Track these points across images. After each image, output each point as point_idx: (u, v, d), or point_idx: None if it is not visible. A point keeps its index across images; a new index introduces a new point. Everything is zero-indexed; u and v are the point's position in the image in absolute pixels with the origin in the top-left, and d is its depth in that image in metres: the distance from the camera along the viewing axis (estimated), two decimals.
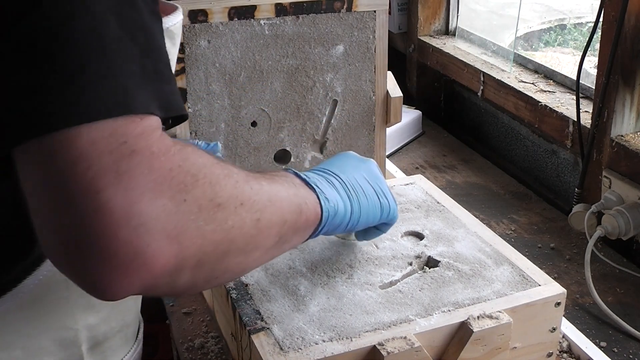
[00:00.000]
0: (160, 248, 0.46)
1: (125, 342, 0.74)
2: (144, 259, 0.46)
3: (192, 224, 0.49)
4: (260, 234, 0.57)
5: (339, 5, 1.07)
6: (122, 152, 0.45)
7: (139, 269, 0.46)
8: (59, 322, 0.65)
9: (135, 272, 0.46)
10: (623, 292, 1.07)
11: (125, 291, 0.47)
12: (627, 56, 1.10)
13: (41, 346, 0.64)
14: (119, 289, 0.47)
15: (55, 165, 0.44)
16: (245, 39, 1.03)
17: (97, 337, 0.69)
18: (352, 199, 0.74)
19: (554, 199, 1.39)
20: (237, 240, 0.54)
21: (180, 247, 0.48)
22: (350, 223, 0.74)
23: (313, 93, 1.10)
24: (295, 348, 0.71)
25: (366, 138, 1.16)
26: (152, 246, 0.46)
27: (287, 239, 0.63)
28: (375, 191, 0.77)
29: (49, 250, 0.47)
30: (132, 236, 0.45)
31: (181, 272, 0.49)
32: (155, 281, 0.48)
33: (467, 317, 0.75)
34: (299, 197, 0.65)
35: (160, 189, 0.46)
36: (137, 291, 0.48)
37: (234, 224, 0.53)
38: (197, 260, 0.50)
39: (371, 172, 0.79)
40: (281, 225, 0.60)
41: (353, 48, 1.10)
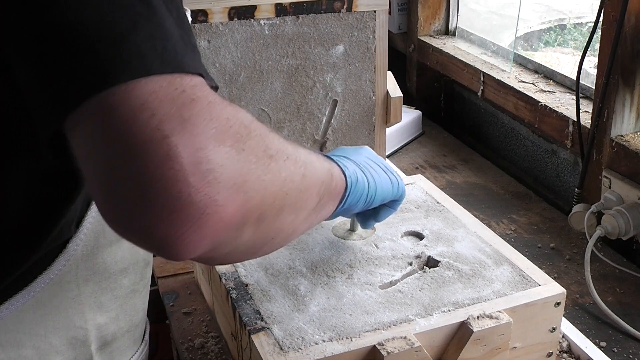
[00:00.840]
0: (230, 196, 0.46)
1: (133, 342, 0.75)
2: (216, 206, 0.45)
3: (253, 173, 0.48)
4: (306, 190, 0.57)
5: (339, 5, 1.07)
6: (183, 100, 0.45)
7: (210, 217, 0.45)
8: (69, 321, 0.66)
9: (206, 222, 0.45)
10: (623, 292, 1.07)
11: (195, 245, 0.46)
12: (627, 56, 1.10)
13: (51, 345, 0.65)
14: (190, 243, 0.45)
15: (118, 117, 0.44)
16: (245, 39, 1.04)
17: (106, 337, 0.70)
18: (366, 173, 0.74)
19: (554, 199, 1.39)
20: (290, 195, 0.54)
21: (245, 196, 0.47)
22: (369, 196, 0.74)
23: (313, 93, 1.10)
24: (295, 348, 0.71)
25: (366, 138, 1.16)
26: (221, 193, 0.45)
27: (324, 203, 0.63)
28: (382, 169, 0.79)
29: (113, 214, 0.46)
30: (202, 182, 0.44)
31: (245, 225, 0.49)
32: (223, 234, 0.47)
33: (467, 317, 0.75)
34: (327, 162, 0.66)
35: (222, 137, 0.46)
36: (206, 247, 0.47)
37: (286, 177, 0.53)
38: (260, 213, 0.50)
39: (372, 154, 0.80)
40: (319, 186, 0.61)
41: (353, 48, 1.10)
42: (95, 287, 0.67)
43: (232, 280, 0.82)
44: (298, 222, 0.58)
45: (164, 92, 0.45)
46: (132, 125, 0.44)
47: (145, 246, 0.47)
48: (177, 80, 0.46)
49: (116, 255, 0.68)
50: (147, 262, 0.74)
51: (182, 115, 0.44)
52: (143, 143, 0.43)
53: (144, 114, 0.44)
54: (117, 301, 0.70)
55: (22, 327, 0.62)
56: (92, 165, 0.45)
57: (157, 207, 0.44)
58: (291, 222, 0.56)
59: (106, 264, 0.67)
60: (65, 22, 0.45)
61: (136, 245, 0.48)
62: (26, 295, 0.61)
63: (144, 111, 0.44)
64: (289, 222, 0.56)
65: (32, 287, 0.61)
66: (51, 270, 0.62)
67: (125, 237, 0.47)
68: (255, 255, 0.58)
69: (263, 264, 0.85)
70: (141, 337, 0.77)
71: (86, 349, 0.68)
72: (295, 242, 0.89)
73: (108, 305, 0.69)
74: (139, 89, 0.44)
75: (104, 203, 0.46)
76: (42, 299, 0.62)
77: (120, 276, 0.70)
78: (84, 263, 0.65)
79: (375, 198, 0.76)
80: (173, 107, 0.44)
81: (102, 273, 0.67)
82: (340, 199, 0.69)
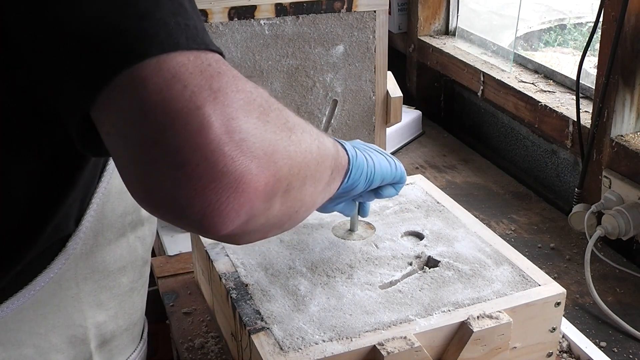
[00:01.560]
0: (262, 164, 0.47)
1: (132, 340, 0.75)
2: (251, 175, 0.46)
3: (280, 144, 0.49)
4: (322, 162, 0.58)
5: (339, 5, 1.07)
6: (210, 72, 0.46)
7: (247, 186, 0.46)
8: (69, 320, 0.66)
9: (244, 190, 0.46)
10: (623, 292, 1.07)
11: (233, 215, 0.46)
12: (627, 56, 1.10)
13: (52, 344, 0.65)
14: (229, 213, 0.46)
15: (150, 90, 0.44)
16: (245, 39, 1.04)
17: (105, 335, 0.70)
18: (363, 153, 0.75)
19: (554, 199, 1.39)
20: (310, 166, 0.54)
21: (276, 166, 0.48)
22: (369, 172, 0.74)
23: (313, 93, 1.10)
24: (295, 348, 0.71)
25: (366, 138, 1.16)
26: (255, 162, 0.46)
27: (334, 176, 0.64)
28: (377, 151, 0.79)
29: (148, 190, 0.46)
30: (236, 151, 0.45)
31: (276, 196, 0.50)
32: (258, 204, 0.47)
33: (467, 317, 0.75)
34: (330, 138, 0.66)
35: (249, 108, 0.47)
36: (243, 217, 0.47)
37: (306, 148, 0.54)
38: (287, 183, 0.51)
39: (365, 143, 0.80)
40: (331, 159, 0.62)
41: (353, 48, 1.10)
42: (95, 285, 0.67)
43: (232, 280, 0.82)
44: (317, 194, 0.59)
45: (192, 65, 0.45)
46: (166, 96, 0.44)
47: (183, 220, 0.47)
48: (203, 55, 0.46)
49: (115, 253, 0.68)
50: (145, 260, 0.75)
51: (212, 87, 0.45)
52: (177, 113, 0.44)
53: (176, 85, 0.44)
54: (116, 299, 0.70)
55: (23, 326, 0.62)
56: (124, 141, 0.46)
57: (195, 177, 0.44)
58: (311, 193, 0.57)
59: (105, 263, 0.68)
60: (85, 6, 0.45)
61: (172, 222, 0.48)
62: (26, 294, 0.61)
63: (176, 83, 0.44)
64: (310, 193, 0.57)
65: (32, 285, 0.61)
66: (51, 269, 0.62)
67: (161, 214, 0.47)
68: (280, 230, 0.58)
69: (263, 264, 0.85)
70: (139, 336, 0.78)
71: (86, 347, 0.68)
72: (295, 242, 0.89)
73: (107, 304, 0.69)
74: (169, 61, 0.45)
75: (139, 180, 0.46)
76: (42, 297, 0.62)
77: (119, 275, 0.70)
78: (83, 261, 0.65)
79: (375, 175, 0.76)
80: (203, 79, 0.45)
81: (101, 272, 0.68)
82: (345, 173, 0.69)
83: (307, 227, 0.92)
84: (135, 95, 0.44)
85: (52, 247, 0.62)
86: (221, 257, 0.86)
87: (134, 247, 0.71)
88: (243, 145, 0.45)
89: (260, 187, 0.47)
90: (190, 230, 0.50)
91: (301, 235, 0.91)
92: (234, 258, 0.86)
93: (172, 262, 1.08)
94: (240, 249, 0.88)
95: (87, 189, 0.62)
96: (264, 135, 0.47)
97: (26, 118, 0.54)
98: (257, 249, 0.88)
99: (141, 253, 0.73)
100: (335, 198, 0.71)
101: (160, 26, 0.45)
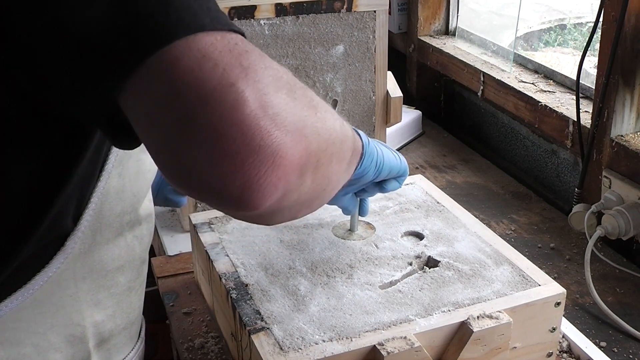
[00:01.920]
0: (295, 138, 0.48)
1: (130, 339, 0.76)
2: (286, 148, 0.47)
3: (308, 120, 0.50)
4: (344, 141, 0.59)
5: (339, 5, 1.07)
6: (239, 50, 0.47)
7: (283, 159, 0.46)
8: (68, 319, 0.66)
9: (280, 164, 0.46)
10: (623, 292, 1.07)
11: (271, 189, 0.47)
12: (627, 56, 1.10)
13: (50, 343, 0.65)
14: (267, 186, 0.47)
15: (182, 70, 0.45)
16: None
17: (103, 334, 0.70)
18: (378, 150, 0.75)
19: (554, 199, 1.39)
20: (335, 144, 0.55)
21: (307, 140, 0.49)
22: (379, 162, 0.75)
23: None
24: (295, 348, 0.71)
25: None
26: (289, 136, 0.47)
27: (352, 158, 0.65)
28: (389, 150, 0.79)
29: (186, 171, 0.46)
30: (271, 125, 0.46)
31: (308, 171, 0.50)
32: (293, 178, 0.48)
33: (467, 317, 0.75)
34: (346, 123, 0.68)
35: (278, 85, 0.48)
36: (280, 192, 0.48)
37: (330, 126, 0.54)
38: (317, 159, 0.51)
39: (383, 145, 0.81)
40: (351, 139, 0.62)
41: (353, 48, 1.10)
42: (92, 284, 0.67)
43: (232, 280, 0.82)
44: (341, 172, 0.60)
45: (220, 44, 0.46)
46: (198, 75, 0.45)
47: (222, 199, 0.48)
48: (228, 35, 0.47)
49: (113, 253, 0.69)
50: (143, 260, 0.75)
51: (242, 64, 0.46)
52: (212, 91, 0.45)
53: (207, 64, 0.45)
54: (114, 299, 0.71)
55: (21, 325, 0.62)
56: (158, 124, 0.46)
57: (233, 152, 0.45)
58: (337, 171, 0.58)
59: (103, 262, 0.68)
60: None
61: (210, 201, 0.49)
62: (25, 292, 0.61)
63: (207, 62, 0.45)
64: (336, 171, 0.57)
65: (31, 284, 0.61)
66: (49, 268, 0.62)
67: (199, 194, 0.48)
68: (309, 209, 0.59)
69: (263, 264, 0.85)
70: (137, 335, 0.78)
71: (84, 346, 0.68)
72: (295, 242, 0.89)
73: (105, 303, 0.69)
74: (197, 42, 0.45)
75: (175, 162, 0.47)
76: (40, 296, 0.63)
77: (116, 274, 0.70)
78: (81, 261, 0.65)
79: (384, 166, 0.76)
80: (232, 57, 0.46)
81: (99, 271, 0.68)
82: (360, 157, 0.70)
83: (307, 227, 0.92)
84: (167, 77, 0.45)
85: (50, 245, 0.62)
86: (221, 257, 0.86)
87: (132, 246, 0.71)
88: (277, 119, 0.46)
89: (295, 161, 0.48)
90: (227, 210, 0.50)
91: (301, 235, 0.91)
92: (234, 258, 0.86)
93: (172, 262, 1.08)
94: (241, 249, 0.88)
95: (84, 188, 0.62)
96: (294, 111, 0.48)
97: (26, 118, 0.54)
98: (257, 249, 0.88)
99: (139, 252, 0.73)
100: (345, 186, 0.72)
101: (183, 10, 0.46)
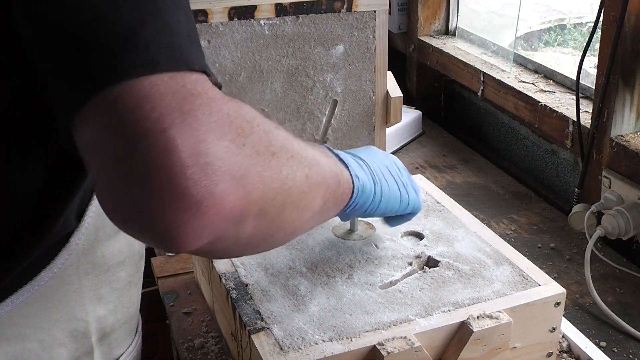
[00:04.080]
0: (228, 189, 0.47)
1: (129, 334, 0.77)
2: (214, 198, 0.46)
3: (253, 168, 0.49)
4: (310, 191, 0.58)
5: (339, 5, 1.07)
6: (183, 93, 0.46)
7: (209, 209, 0.46)
8: (72, 314, 0.67)
9: (205, 213, 0.46)
10: (623, 292, 1.07)
11: (196, 235, 0.47)
12: (627, 56, 1.10)
13: (55, 338, 0.66)
14: (191, 232, 0.46)
15: (121, 110, 0.45)
16: (245, 39, 1.04)
17: (105, 328, 0.72)
18: (376, 184, 0.75)
19: (554, 199, 1.39)
20: (292, 193, 0.54)
21: (245, 190, 0.48)
22: (371, 207, 0.75)
23: (313, 93, 1.10)
24: (295, 348, 0.71)
25: (366, 138, 1.16)
26: (220, 186, 0.46)
27: (328, 207, 0.64)
28: (396, 182, 0.79)
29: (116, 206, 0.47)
30: (200, 175, 0.45)
31: (246, 219, 0.50)
32: (223, 226, 0.47)
33: (467, 317, 0.75)
34: (337, 167, 0.66)
35: (222, 131, 0.47)
36: (207, 238, 0.47)
37: (288, 174, 0.53)
38: (260, 208, 0.50)
39: (394, 165, 0.80)
40: (325, 189, 0.61)
41: (353, 48, 1.10)
42: (95, 280, 0.69)
43: (232, 280, 0.82)
44: (301, 221, 0.59)
45: (165, 85, 0.46)
46: (135, 116, 0.45)
47: (148, 236, 0.48)
48: (179, 75, 0.47)
49: (114, 248, 0.70)
50: (141, 254, 0.76)
51: (182, 109, 0.45)
52: (144, 134, 0.44)
53: (145, 106, 0.45)
54: (115, 293, 0.72)
55: (27, 321, 0.63)
56: (97, 158, 0.47)
57: (157, 196, 0.45)
58: (293, 220, 0.57)
59: (105, 257, 0.69)
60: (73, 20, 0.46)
61: (139, 238, 0.49)
62: (30, 289, 0.62)
63: (145, 103, 0.45)
64: (291, 220, 0.56)
65: (36, 281, 0.62)
66: (54, 264, 0.63)
67: (128, 228, 0.48)
68: (256, 250, 0.59)
69: (263, 264, 0.85)
70: (135, 329, 0.79)
71: (87, 340, 0.70)
72: (295, 242, 0.89)
73: (107, 298, 0.71)
74: (142, 82, 0.45)
75: (108, 195, 0.47)
76: (45, 292, 0.64)
77: (117, 269, 0.71)
78: (84, 257, 0.66)
79: (377, 210, 0.76)
80: (173, 101, 0.45)
81: (101, 266, 0.69)
82: (346, 204, 0.70)
83: None
84: (109, 115, 0.45)
85: (55, 243, 0.63)
86: None
87: (131, 241, 0.73)
88: (208, 169, 0.46)
89: (225, 210, 0.47)
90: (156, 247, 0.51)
91: (301, 235, 0.90)
92: (234, 258, 0.86)
93: (172, 262, 1.08)
94: None
95: (86, 186, 0.63)
96: (235, 159, 0.47)
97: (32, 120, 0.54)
98: None
99: (138, 247, 0.75)
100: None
101: (140, 47, 0.46)
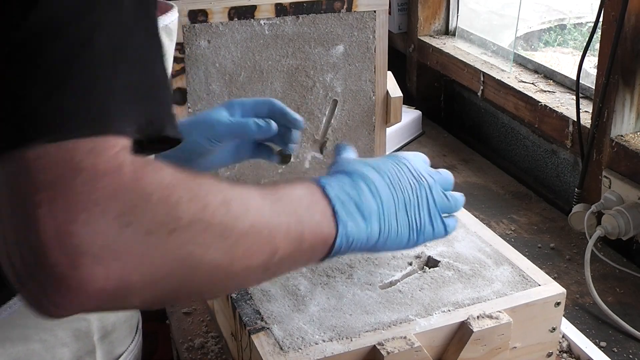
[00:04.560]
0: (91, 271, 0.45)
1: (130, 332, 0.77)
2: (71, 281, 0.44)
3: (135, 249, 0.46)
4: (234, 263, 0.52)
5: (339, 5, 1.07)
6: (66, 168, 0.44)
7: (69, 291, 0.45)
8: None
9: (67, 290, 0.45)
10: (623, 292, 1.07)
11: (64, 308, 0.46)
12: (627, 56, 1.10)
13: (57, 338, 0.67)
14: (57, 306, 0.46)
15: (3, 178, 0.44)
16: (245, 39, 1.04)
17: (106, 327, 0.72)
18: (382, 231, 0.65)
19: (554, 199, 1.39)
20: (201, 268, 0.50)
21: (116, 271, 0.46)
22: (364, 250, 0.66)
23: (313, 93, 1.10)
24: (295, 348, 0.71)
25: (366, 138, 1.16)
26: (79, 270, 0.44)
27: (278, 269, 0.59)
28: (409, 224, 0.68)
29: None
30: (60, 258, 0.44)
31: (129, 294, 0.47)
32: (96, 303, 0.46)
33: (467, 317, 0.75)
34: (303, 224, 0.58)
35: (99, 210, 0.44)
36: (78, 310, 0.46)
37: (194, 250, 0.49)
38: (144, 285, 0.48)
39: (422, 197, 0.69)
40: (269, 255, 0.55)
41: (353, 48, 1.10)
42: None
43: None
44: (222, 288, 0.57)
45: (48, 159, 0.44)
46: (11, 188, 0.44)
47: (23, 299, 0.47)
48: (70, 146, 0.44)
49: None
50: None
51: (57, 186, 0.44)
52: (15, 209, 0.44)
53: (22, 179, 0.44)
54: None
55: (30, 322, 0.64)
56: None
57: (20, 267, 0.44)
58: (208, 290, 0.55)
59: None
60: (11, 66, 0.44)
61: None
62: None
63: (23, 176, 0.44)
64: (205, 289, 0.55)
65: None
66: None
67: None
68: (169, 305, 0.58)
69: None
70: (135, 327, 0.79)
71: (89, 339, 0.70)
72: None
73: None
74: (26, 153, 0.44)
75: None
76: None
77: None
78: None
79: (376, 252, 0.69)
80: (51, 176, 0.44)
81: None
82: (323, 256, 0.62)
83: None
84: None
85: None
86: None
87: None
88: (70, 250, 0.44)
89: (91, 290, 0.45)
90: None
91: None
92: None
93: None
94: None
95: None
96: (108, 240, 0.45)
97: None
98: None
99: None
100: None
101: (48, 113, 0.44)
